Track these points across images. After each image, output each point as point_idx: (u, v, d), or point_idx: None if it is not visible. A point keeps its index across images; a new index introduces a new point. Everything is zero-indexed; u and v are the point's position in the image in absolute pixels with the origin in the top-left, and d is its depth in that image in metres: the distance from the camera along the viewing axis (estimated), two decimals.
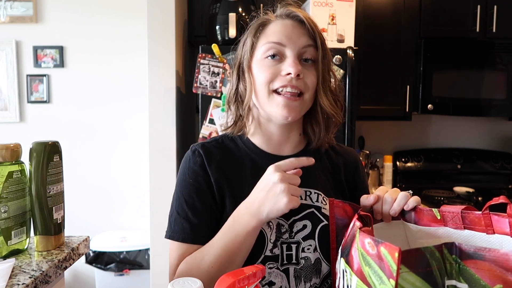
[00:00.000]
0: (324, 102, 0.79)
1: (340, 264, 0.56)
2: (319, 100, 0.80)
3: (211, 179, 0.80)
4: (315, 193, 0.80)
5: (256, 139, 0.85)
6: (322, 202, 0.79)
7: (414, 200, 0.65)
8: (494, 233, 0.55)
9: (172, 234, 0.79)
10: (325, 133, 0.84)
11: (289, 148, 0.85)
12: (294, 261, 0.76)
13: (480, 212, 0.56)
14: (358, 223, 0.55)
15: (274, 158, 0.82)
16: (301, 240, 0.77)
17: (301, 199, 0.79)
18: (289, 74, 0.75)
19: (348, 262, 0.52)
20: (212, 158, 0.81)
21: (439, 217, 0.60)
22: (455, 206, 0.58)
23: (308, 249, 0.76)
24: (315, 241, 0.77)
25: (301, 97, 0.77)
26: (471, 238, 0.57)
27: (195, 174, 0.80)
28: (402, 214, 0.67)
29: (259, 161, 0.82)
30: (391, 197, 0.67)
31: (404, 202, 0.65)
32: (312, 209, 0.78)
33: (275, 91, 0.77)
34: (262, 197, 0.68)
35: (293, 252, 0.76)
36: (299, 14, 0.78)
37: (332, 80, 0.82)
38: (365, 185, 0.91)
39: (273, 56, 0.77)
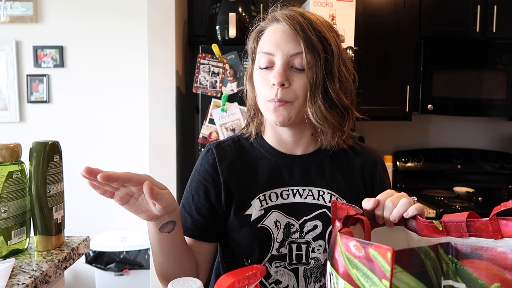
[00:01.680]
0: (308, 111, 0.76)
1: (327, 267, 0.54)
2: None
3: (220, 178, 0.81)
4: (328, 193, 0.80)
5: (270, 139, 0.86)
6: None
7: (414, 208, 0.60)
8: (502, 237, 0.52)
9: None
10: (332, 136, 0.82)
11: (302, 148, 0.85)
12: (304, 261, 0.77)
13: (487, 218, 0.53)
14: (338, 224, 0.53)
15: (287, 157, 0.84)
16: (312, 240, 0.77)
17: (314, 199, 0.80)
18: (274, 84, 0.75)
19: (333, 265, 0.50)
20: (224, 157, 0.83)
21: (441, 228, 0.57)
22: (458, 214, 0.55)
23: (318, 249, 0.77)
24: (325, 241, 0.77)
25: (289, 102, 0.75)
26: (476, 244, 0.54)
27: (205, 172, 0.83)
28: (404, 221, 0.63)
29: (272, 159, 0.84)
30: (392, 202, 0.63)
31: (404, 210, 0.61)
32: (324, 210, 0.79)
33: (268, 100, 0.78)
34: None
35: (303, 252, 0.77)
36: (280, 18, 0.76)
37: (333, 85, 0.77)
38: (385, 186, 0.86)
39: (265, 68, 0.77)
